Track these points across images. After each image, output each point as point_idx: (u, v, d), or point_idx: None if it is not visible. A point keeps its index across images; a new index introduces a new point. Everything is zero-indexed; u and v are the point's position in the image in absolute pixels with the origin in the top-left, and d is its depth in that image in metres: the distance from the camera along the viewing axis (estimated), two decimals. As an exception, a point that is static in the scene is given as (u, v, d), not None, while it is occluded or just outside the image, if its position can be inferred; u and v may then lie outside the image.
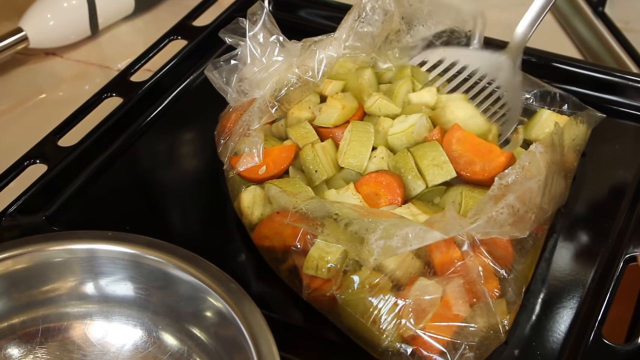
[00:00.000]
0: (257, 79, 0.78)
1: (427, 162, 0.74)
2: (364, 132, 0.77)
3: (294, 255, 0.71)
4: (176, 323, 0.64)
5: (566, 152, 0.75)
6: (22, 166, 0.82)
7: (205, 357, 0.62)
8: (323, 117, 0.81)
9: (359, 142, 0.76)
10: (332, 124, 0.80)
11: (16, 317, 0.64)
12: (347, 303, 0.67)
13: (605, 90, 0.90)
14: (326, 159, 0.77)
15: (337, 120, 0.80)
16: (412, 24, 0.86)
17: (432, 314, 0.65)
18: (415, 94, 0.82)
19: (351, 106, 0.81)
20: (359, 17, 0.79)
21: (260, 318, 0.58)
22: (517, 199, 0.63)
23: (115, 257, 0.63)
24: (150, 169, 0.87)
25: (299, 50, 0.78)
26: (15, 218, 0.78)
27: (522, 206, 0.63)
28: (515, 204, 0.63)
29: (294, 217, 0.69)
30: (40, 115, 1.00)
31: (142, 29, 1.13)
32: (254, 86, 0.78)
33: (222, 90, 0.79)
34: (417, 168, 0.75)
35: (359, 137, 0.77)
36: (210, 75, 0.79)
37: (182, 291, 0.62)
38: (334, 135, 0.80)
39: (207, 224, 0.81)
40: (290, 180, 0.76)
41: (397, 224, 0.62)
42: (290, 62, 0.78)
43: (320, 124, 0.81)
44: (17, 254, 0.63)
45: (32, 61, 1.09)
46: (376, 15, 0.81)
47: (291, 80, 0.78)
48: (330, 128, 0.80)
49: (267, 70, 0.78)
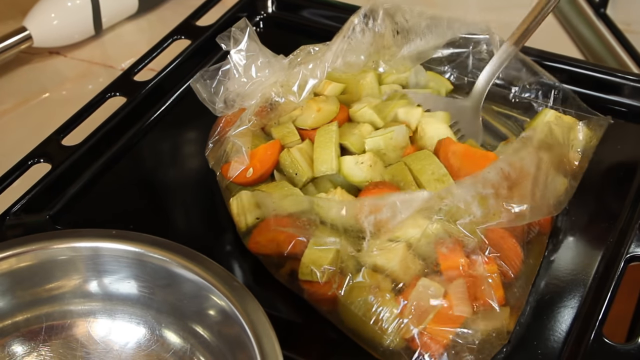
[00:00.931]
0: (244, 91, 0.79)
1: (427, 177, 0.73)
2: (325, 133, 0.78)
3: (290, 260, 0.71)
4: (179, 321, 0.64)
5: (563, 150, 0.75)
6: (26, 165, 0.83)
7: (209, 355, 0.62)
8: (301, 119, 0.81)
9: (322, 146, 0.77)
10: (309, 126, 0.80)
11: (20, 315, 0.65)
12: (348, 303, 0.67)
13: (607, 91, 0.90)
14: (304, 159, 0.77)
15: (314, 122, 0.80)
16: (409, 37, 0.85)
17: (434, 314, 0.65)
18: (403, 110, 0.82)
19: (329, 109, 0.81)
20: (348, 39, 0.80)
21: (263, 316, 0.58)
22: (507, 164, 0.64)
23: (119, 255, 0.63)
24: (153, 168, 0.88)
25: (286, 66, 0.79)
26: (19, 217, 0.79)
27: (513, 171, 0.64)
28: (504, 166, 0.63)
29: (281, 222, 0.69)
30: (44, 114, 1.00)
31: (146, 28, 1.14)
32: (241, 98, 0.79)
33: (207, 102, 0.80)
34: (416, 182, 0.74)
35: (321, 141, 0.77)
36: (195, 86, 0.79)
37: (185, 289, 0.62)
38: (311, 137, 0.80)
39: (210, 224, 0.81)
40: (278, 184, 0.76)
41: (382, 197, 0.63)
42: (276, 78, 0.78)
43: (299, 125, 0.81)
44: (22, 251, 0.63)
45: (36, 60, 1.09)
46: (366, 37, 0.81)
47: (274, 98, 0.78)
48: (308, 130, 0.80)
49: (253, 85, 0.78)
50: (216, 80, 0.78)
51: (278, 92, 0.78)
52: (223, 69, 0.78)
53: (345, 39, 0.80)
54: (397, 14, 0.84)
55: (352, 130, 0.79)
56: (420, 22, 0.85)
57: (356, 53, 0.81)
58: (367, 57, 0.83)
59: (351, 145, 0.78)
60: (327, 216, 0.68)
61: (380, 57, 0.87)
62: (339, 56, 0.79)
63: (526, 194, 0.66)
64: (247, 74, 0.77)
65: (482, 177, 0.66)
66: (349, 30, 0.80)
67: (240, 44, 0.76)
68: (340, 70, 0.81)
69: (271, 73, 0.78)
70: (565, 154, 0.75)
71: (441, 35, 0.85)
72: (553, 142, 0.72)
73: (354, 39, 0.81)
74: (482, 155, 0.75)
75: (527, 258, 0.70)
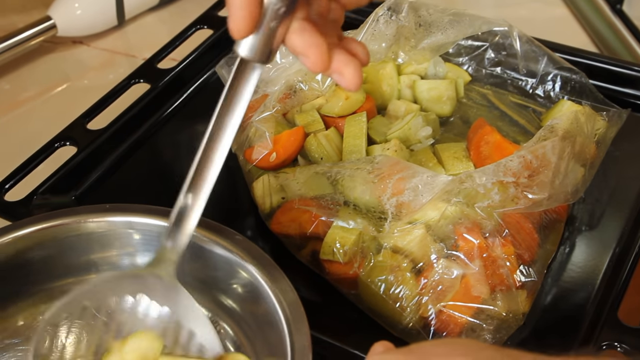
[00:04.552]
0: (268, 77, 0.80)
1: (448, 154, 0.77)
2: (356, 123, 0.80)
3: (312, 241, 0.73)
4: (207, 294, 0.65)
5: (585, 140, 0.76)
6: (52, 148, 0.85)
7: (235, 327, 0.63)
8: (328, 107, 0.83)
9: (352, 135, 0.79)
10: (335, 113, 0.82)
11: (57, 282, 0.67)
12: (369, 282, 0.68)
13: (623, 84, 0.91)
14: (330, 146, 0.79)
15: (341, 110, 0.82)
16: (430, 31, 0.87)
17: (452, 294, 0.67)
18: None
19: (357, 98, 0.83)
20: (371, 30, 0.81)
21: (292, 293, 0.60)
22: (529, 152, 0.65)
23: (151, 229, 0.65)
24: (175, 152, 0.89)
25: None
26: (46, 197, 0.80)
27: (535, 160, 0.65)
28: (526, 155, 0.65)
29: (305, 202, 0.71)
30: (66, 102, 1.02)
31: (167, 19, 1.16)
32: (265, 84, 0.81)
33: None
34: (438, 159, 0.78)
35: (351, 131, 0.79)
36: (220, 71, 0.81)
37: (215, 264, 0.63)
38: (337, 125, 0.82)
39: (231, 207, 0.83)
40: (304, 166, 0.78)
41: (404, 177, 0.64)
42: (300, 65, 0.80)
43: (326, 113, 0.83)
44: (59, 224, 0.65)
45: (59, 49, 1.11)
46: (389, 29, 0.83)
47: (298, 84, 0.80)
48: (334, 117, 0.82)
49: (277, 71, 0.80)
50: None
51: (302, 79, 0.79)
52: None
53: (369, 29, 0.81)
54: (421, 8, 0.85)
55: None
56: (443, 18, 0.86)
57: (378, 42, 0.83)
58: (387, 47, 0.85)
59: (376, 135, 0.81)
60: (350, 196, 0.70)
61: (400, 48, 0.88)
62: (363, 46, 0.81)
63: (546, 182, 0.68)
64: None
65: (504, 165, 0.67)
66: (373, 22, 0.82)
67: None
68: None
69: (295, 59, 0.79)
70: (587, 144, 0.77)
71: (462, 31, 0.87)
72: (577, 132, 0.73)
73: (377, 30, 0.82)
74: (514, 150, 0.76)
75: (543, 243, 0.72)
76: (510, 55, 0.90)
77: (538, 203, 0.68)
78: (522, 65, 0.88)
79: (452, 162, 0.76)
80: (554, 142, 0.68)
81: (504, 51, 0.91)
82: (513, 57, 0.89)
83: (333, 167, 0.72)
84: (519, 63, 0.88)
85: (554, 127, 0.70)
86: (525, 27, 0.88)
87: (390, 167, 0.68)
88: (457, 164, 0.76)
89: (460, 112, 0.88)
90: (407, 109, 0.85)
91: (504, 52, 0.90)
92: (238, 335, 0.64)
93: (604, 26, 1.06)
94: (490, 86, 0.91)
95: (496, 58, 0.91)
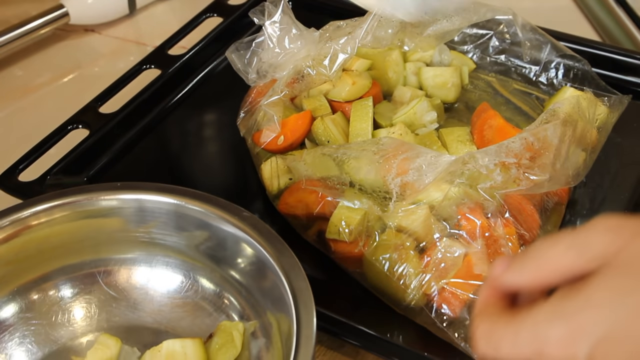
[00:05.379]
0: (276, 62, 0.82)
1: (452, 138, 0.79)
2: (362, 107, 0.81)
3: (318, 221, 0.75)
4: (215, 270, 0.67)
5: (586, 125, 0.78)
6: (65, 130, 0.87)
7: (243, 301, 0.65)
8: (335, 92, 0.85)
9: (358, 119, 0.81)
10: (342, 98, 0.84)
11: (68, 260, 0.68)
12: (373, 260, 0.70)
13: (625, 72, 0.93)
14: (337, 129, 0.81)
15: (347, 95, 0.84)
16: (435, 18, 0.88)
17: (455, 272, 0.68)
18: None
19: (363, 83, 0.85)
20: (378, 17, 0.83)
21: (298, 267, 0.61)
22: (531, 134, 0.67)
23: (161, 207, 0.66)
24: (185, 137, 0.91)
25: (317, 38, 0.82)
26: (58, 178, 0.82)
27: (537, 142, 0.67)
28: (528, 137, 0.66)
29: (312, 183, 0.73)
30: (78, 89, 1.04)
31: (178, 9, 1.17)
32: (273, 69, 0.82)
33: (241, 72, 0.83)
34: (442, 142, 0.79)
35: (358, 115, 0.81)
36: (230, 56, 0.83)
37: (223, 240, 0.65)
38: (344, 110, 0.83)
39: (239, 189, 0.85)
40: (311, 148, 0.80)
41: (408, 158, 0.66)
42: (308, 50, 0.82)
43: (333, 98, 0.84)
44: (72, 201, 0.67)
45: (71, 37, 1.13)
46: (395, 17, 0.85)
47: (306, 70, 0.82)
48: (341, 102, 0.84)
49: (286, 56, 0.82)
50: (250, 51, 0.82)
51: (310, 64, 0.81)
52: (257, 40, 0.82)
53: (376, 16, 0.83)
54: (427, -5, 0.87)
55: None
56: (448, 5, 0.88)
57: (384, 29, 0.85)
58: (394, 34, 0.86)
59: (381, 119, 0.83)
60: (356, 177, 0.72)
61: (406, 35, 0.90)
62: (369, 33, 0.82)
63: (547, 164, 0.69)
64: (281, 45, 0.81)
65: (506, 146, 0.69)
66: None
67: (275, 16, 0.80)
68: (367, 45, 0.84)
69: (303, 45, 0.81)
70: (588, 129, 0.78)
71: (467, 18, 0.88)
72: (579, 117, 0.74)
73: (385, 16, 0.84)
74: (517, 134, 0.78)
75: (544, 224, 0.73)
76: (514, 43, 0.91)
77: (539, 184, 0.69)
78: (525, 53, 0.89)
79: (455, 146, 0.78)
80: (555, 124, 0.70)
81: (508, 39, 0.92)
82: (517, 45, 0.91)
83: (339, 149, 0.74)
84: (523, 51, 0.90)
85: (555, 111, 0.72)
86: (530, 16, 0.89)
87: (395, 148, 0.70)
88: (461, 147, 0.78)
89: (464, 98, 0.90)
90: (413, 95, 0.86)
91: (508, 40, 0.92)
92: (243, 305, 0.66)
93: (606, 15, 1.07)
94: (494, 74, 0.92)
95: (500, 46, 0.93)
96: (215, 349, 0.64)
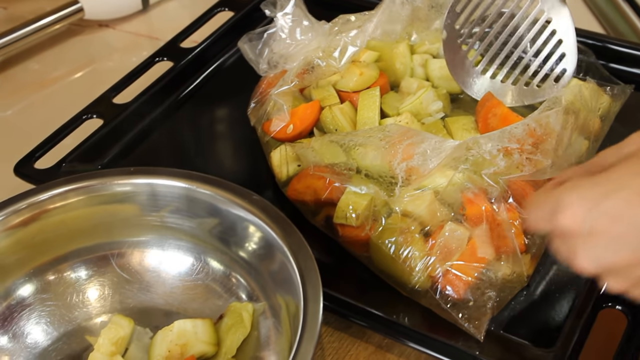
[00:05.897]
0: (287, 53, 0.84)
1: (457, 126, 0.81)
2: (369, 97, 0.83)
3: (326, 206, 0.77)
4: (225, 253, 0.69)
5: (589, 114, 0.79)
6: (80, 120, 0.89)
7: (252, 282, 0.67)
8: (343, 82, 0.86)
9: (365, 108, 0.83)
10: (350, 88, 0.86)
11: (82, 243, 0.71)
12: (380, 243, 0.72)
13: (629, 63, 0.94)
14: (345, 118, 0.82)
15: (355, 85, 0.86)
16: (441, 12, 0.90)
17: (459, 254, 0.70)
18: None
19: (370, 74, 0.87)
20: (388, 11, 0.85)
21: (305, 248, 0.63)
22: (533, 120, 0.69)
23: (172, 190, 0.68)
24: (196, 128, 0.93)
25: (327, 31, 0.84)
26: (73, 165, 0.84)
27: (539, 128, 0.68)
28: (530, 123, 0.68)
29: (320, 169, 0.75)
30: (92, 82, 1.06)
31: (190, 5, 1.20)
32: (284, 60, 0.84)
33: (253, 62, 0.85)
34: (447, 130, 0.81)
35: (365, 104, 0.83)
36: (243, 46, 0.85)
37: (232, 223, 0.67)
38: (352, 99, 0.85)
39: (249, 178, 0.87)
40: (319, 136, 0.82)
41: (413, 143, 0.67)
42: (318, 42, 0.84)
43: (341, 88, 0.86)
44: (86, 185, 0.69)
45: (86, 32, 1.15)
46: (404, 10, 0.86)
47: (316, 61, 0.84)
48: (349, 92, 0.86)
49: (297, 47, 0.84)
50: (261, 42, 0.84)
51: (320, 56, 0.83)
52: (269, 31, 0.84)
53: (386, 10, 0.85)
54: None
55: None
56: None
57: (393, 24, 0.86)
58: (402, 29, 0.88)
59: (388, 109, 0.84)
60: (362, 163, 0.73)
61: (414, 29, 0.92)
62: (379, 27, 0.84)
63: (549, 150, 0.71)
64: (292, 36, 0.83)
65: (509, 132, 0.70)
66: (390, 2, 0.85)
67: (287, 8, 0.82)
68: (376, 39, 0.86)
69: (314, 37, 0.83)
70: (590, 117, 0.80)
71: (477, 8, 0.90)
72: (581, 105, 0.76)
73: (394, 11, 0.86)
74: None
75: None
76: (519, 35, 0.92)
77: (542, 170, 0.70)
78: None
79: (460, 134, 0.79)
80: (557, 111, 0.71)
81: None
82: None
83: (346, 136, 0.76)
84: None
85: (558, 98, 0.74)
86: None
87: (401, 134, 0.72)
88: (466, 135, 0.79)
89: (470, 89, 0.91)
90: (419, 85, 0.88)
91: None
92: (253, 287, 0.68)
93: (610, 8, 1.08)
94: (499, 65, 0.93)
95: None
96: (225, 329, 0.66)
